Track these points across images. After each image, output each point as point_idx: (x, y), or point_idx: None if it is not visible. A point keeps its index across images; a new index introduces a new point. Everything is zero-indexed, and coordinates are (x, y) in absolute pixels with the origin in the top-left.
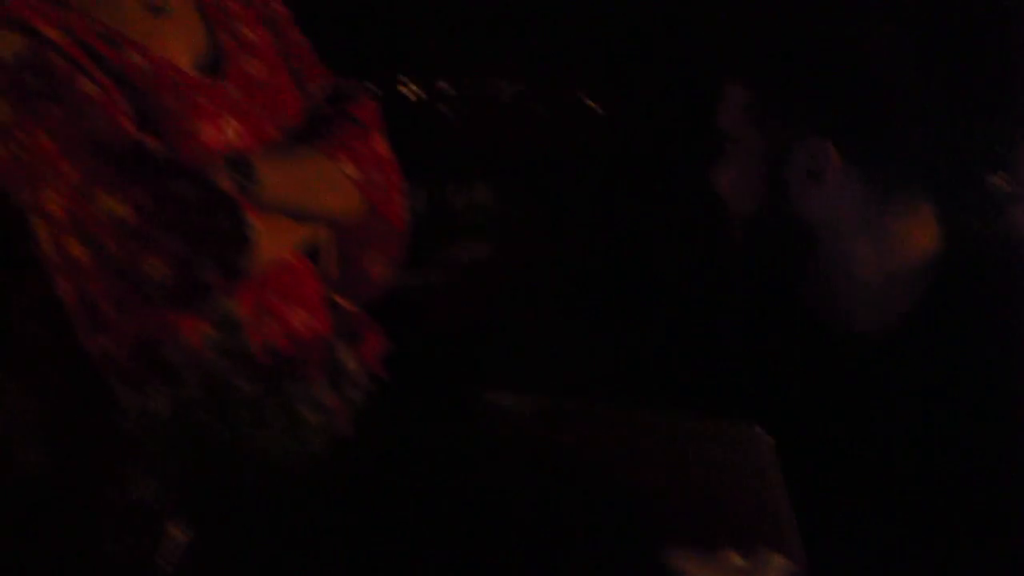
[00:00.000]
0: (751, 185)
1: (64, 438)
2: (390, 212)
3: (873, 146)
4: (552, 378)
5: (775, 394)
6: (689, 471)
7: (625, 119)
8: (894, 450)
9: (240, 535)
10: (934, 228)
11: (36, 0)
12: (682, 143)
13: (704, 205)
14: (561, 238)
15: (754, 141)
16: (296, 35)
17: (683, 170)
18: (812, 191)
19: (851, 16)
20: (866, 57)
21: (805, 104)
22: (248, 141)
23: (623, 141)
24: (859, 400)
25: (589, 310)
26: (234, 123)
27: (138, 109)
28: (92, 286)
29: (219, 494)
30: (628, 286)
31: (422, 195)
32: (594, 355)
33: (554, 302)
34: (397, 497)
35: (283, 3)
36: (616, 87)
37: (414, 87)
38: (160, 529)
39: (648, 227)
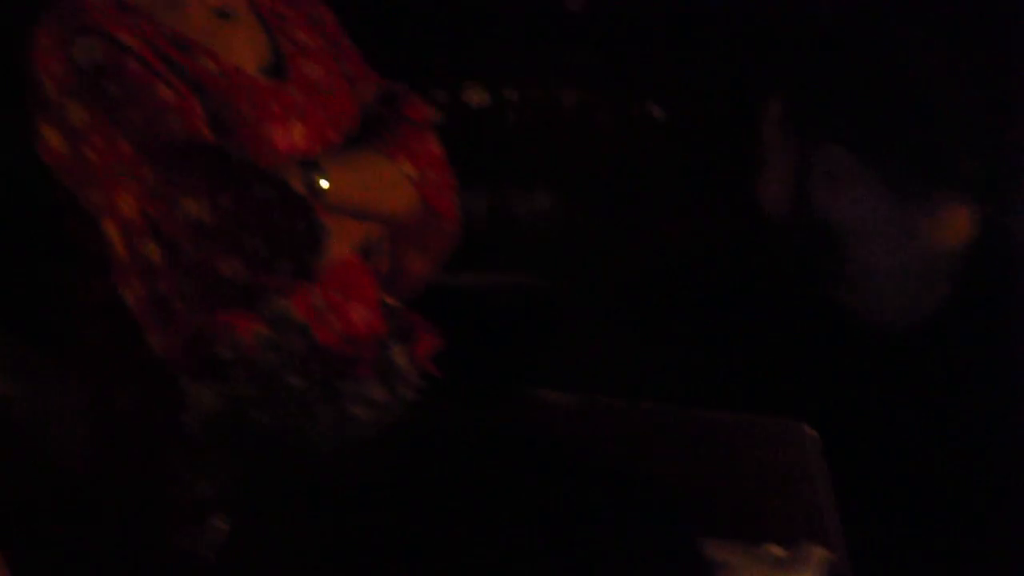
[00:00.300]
0: (782, 191)
1: (118, 432)
2: (444, 210)
3: (892, 150)
4: (600, 377)
5: (815, 391)
6: (733, 467)
7: (688, 128)
8: (934, 443)
9: (284, 526)
10: (965, 226)
11: (111, 7)
12: (733, 152)
13: (747, 211)
14: (614, 243)
15: (783, 148)
16: (343, 39)
17: (732, 178)
18: (832, 195)
19: (872, 22)
20: (884, 63)
21: (825, 111)
22: (312, 144)
23: (685, 150)
24: (895, 394)
25: (637, 312)
26: (300, 126)
27: (212, 114)
28: (165, 285)
29: (267, 486)
30: (675, 289)
31: (484, 200)
32: (641, 356)
33: (604, 304)
34: (438, 489)
35: (329, 7)
36: (681, 96)
37: (479, 93)
38: (208, 520)
39: (697, 232)
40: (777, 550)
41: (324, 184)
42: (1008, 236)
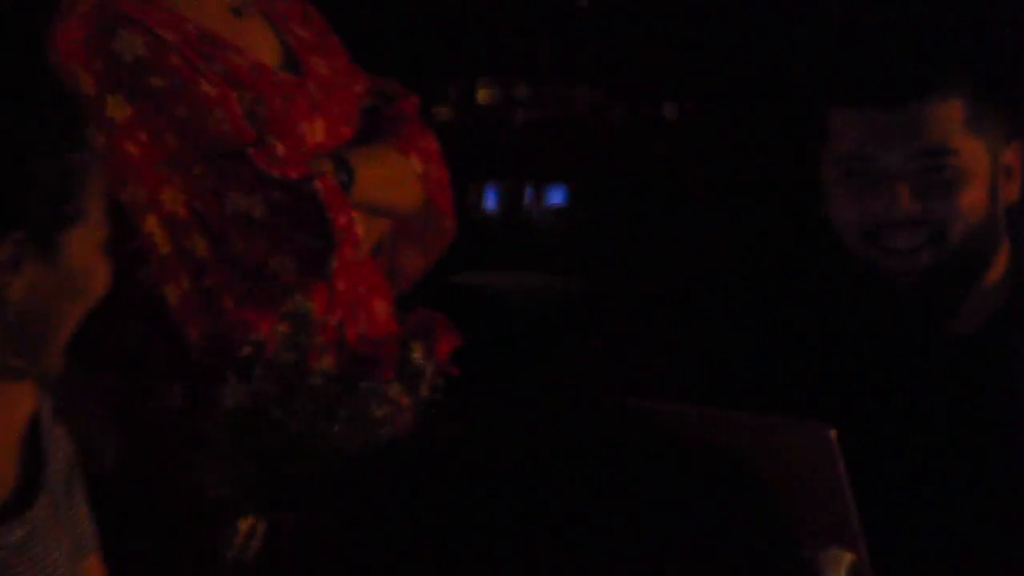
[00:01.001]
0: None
1: (142, 433)
2: (445, 207)
3: None
4: (619, 379)
5: (836, 394)
6: (759, 469)
7: (700, 127)
8: (955, 451)
9: (309, 527)
10: None
11: (141, 2)
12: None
13: (786, 214)
14: (629, 242)
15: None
16: (331, 36)
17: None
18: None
19: None
20: None
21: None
22: (330, 140)
23: (697, 148)
24: (928, 401)
25: (655, 312)
26: (321, 122)
27: (247, 109)
28: (212, 280)
29: (289, 487)
30: (694, 289)
31: (499, 196)
32: (662, 356)
33: (621, 304)
34: (458, 490)
35: (314, 5)
36: (692, 96)
37: (492, 90)
38: (233, 522)
39: (727, 233)
40: (805, 554)
41: (349, 178)
42: None
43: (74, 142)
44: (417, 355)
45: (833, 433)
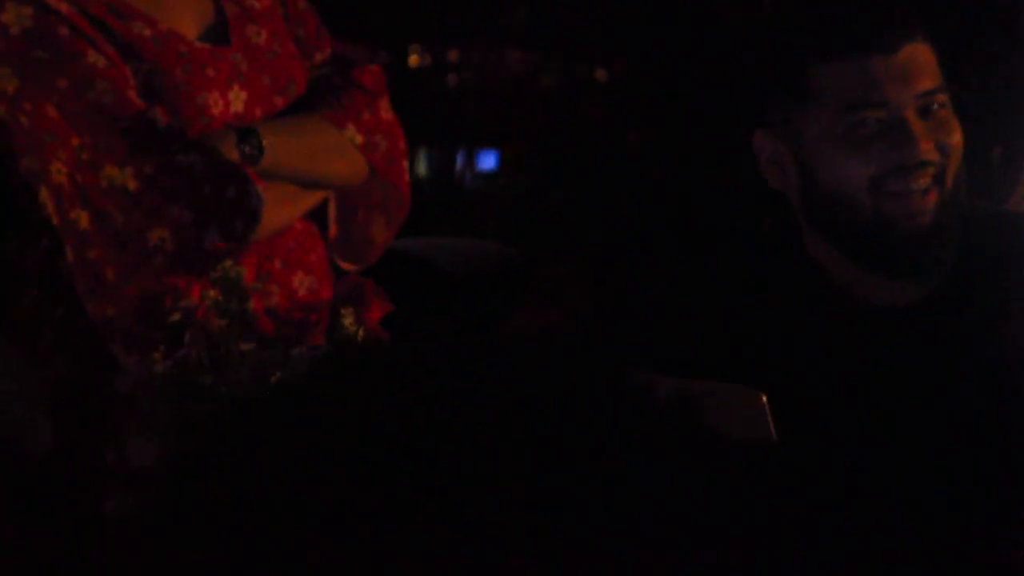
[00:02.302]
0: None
1: (65, 402)
2: (395, 177)
3: None
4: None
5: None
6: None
7: (633, 92)
8: (895, 424)
9: (236, 492)
10: None
11: None
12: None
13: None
14: (566, 207)
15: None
16: (300, 2)
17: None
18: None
19: None
20: None
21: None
22: (254, 110)
23: (629, 113)
24: (874, 372)
25: (587, 275)
26: (241, 93)
27: (145, 81)
28: (94, 253)
29: (217, 452)
30: (627, 252)
31: (430, 162)
32: (593, 320)
33: (555, 267)
34: (391, 453)
35: None
36: (624, 58)
37: (424, 56)
38: (159, 488)
39: (658, 192)
40: None
41: (256, 150)
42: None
43: None
44: (348, 321)
45: (764, 397)
